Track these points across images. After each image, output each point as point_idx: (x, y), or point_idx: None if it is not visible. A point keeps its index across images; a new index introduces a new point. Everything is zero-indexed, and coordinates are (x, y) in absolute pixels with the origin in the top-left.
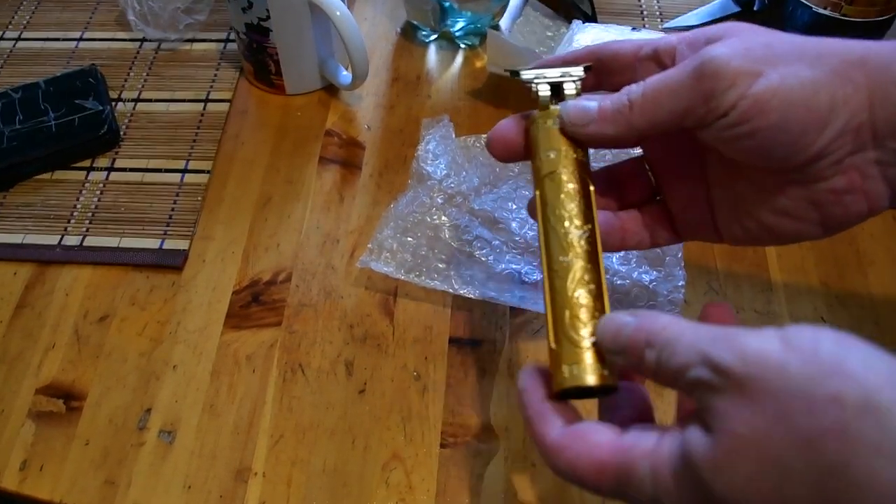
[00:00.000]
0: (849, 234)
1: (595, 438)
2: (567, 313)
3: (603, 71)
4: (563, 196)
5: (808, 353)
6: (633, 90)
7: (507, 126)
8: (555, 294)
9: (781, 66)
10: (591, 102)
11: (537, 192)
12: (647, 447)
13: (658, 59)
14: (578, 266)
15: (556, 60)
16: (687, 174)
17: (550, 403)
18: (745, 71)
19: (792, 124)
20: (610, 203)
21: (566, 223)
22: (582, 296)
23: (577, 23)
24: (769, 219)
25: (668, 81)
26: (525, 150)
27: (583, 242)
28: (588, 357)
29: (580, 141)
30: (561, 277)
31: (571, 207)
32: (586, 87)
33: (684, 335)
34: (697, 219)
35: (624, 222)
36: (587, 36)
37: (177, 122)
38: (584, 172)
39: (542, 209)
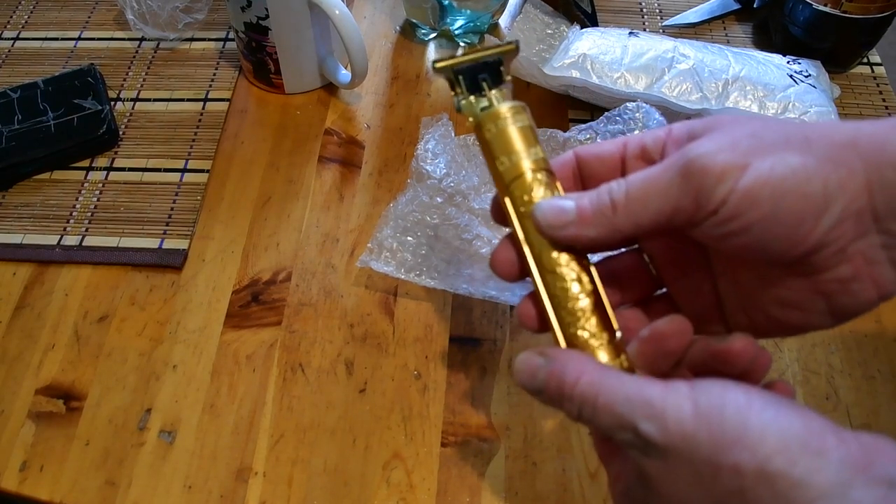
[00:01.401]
0: None
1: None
2: (570, 318)
3: (588, 175)
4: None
5: (715, 421)
6: (615, 189)
7: (502, 249)
8: (554, 301)
9: (769, 156)
10: (568, 201)
11: (506, 200)
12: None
13: (647, 157)
14: (571, 272)
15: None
16: (691, 265)
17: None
18: (732, 165)
19: (786, 214)
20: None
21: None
22: (582, 299)
23: (573, 30)
24: (776, 311)
25: (654, 180)
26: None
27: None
28: (603, 355)
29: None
30: (557, 283)
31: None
32: (567, 189)
33: (601, 395)
34: (705, 311)
35: (627, 322)
36: (584, 43)
37: (176, 122)
38: (547, 168)
39: (518, 219)
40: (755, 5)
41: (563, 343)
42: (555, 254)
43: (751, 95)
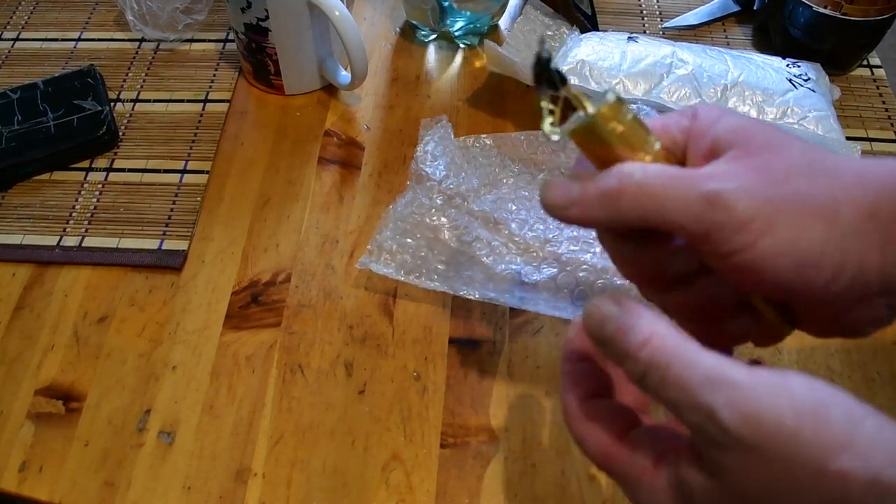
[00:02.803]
0: None
1: (600, 430)
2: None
3: None
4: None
5: (821, 422)
6: (627, 173)
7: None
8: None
9: (796, 219)
10: (574, 182)
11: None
12: (644, 466)
13: (669, 135)
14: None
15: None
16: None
17: (583, 365)
18: (757, 218)
19: (796, 283)
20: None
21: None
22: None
23: (572, 36)
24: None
25: (672, 186)
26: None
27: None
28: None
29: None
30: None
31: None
32: None
33: (673, 366)
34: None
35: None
36: (583, 50)
37: (176, 123)
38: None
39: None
40: (755, 7)
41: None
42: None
43: (749, 100)
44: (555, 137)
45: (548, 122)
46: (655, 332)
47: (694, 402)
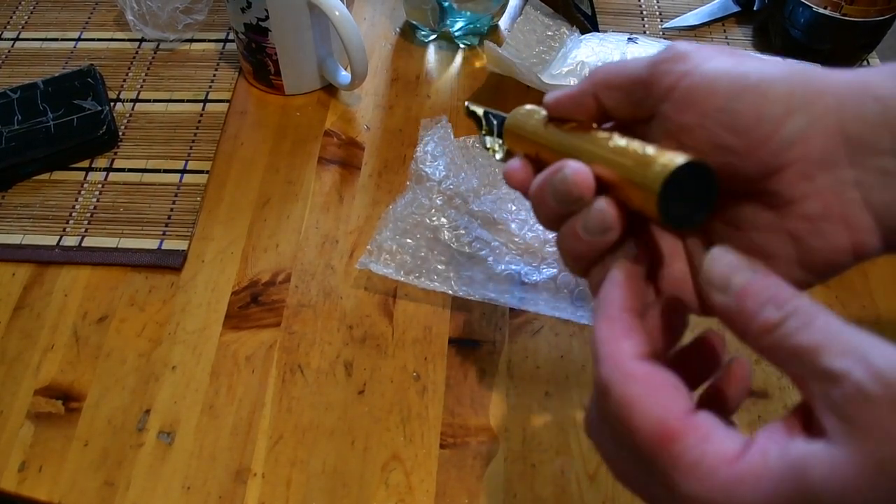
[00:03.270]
0: None
1: (666, 400)
2: (629, 158)
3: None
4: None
5: None
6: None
7: (514, 165)
8: (617, 158)
9: (738, 56)
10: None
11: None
12: (728, 450)
13: None
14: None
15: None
16: None
17: (631, 317)
18: (698, 54)
19: (743, 110)
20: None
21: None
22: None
23: (572, 37)
24: None
25: (633, 60)
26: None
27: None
28: (666, 153)
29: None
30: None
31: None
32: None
33: (823, 316)
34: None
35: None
36: (583, 51)
37: (176, 123)
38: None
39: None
40: (755, 8)
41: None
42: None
43: None
44: (498, 156)
45: (488, 140)
46: (802, 295)
47: (845, 347)
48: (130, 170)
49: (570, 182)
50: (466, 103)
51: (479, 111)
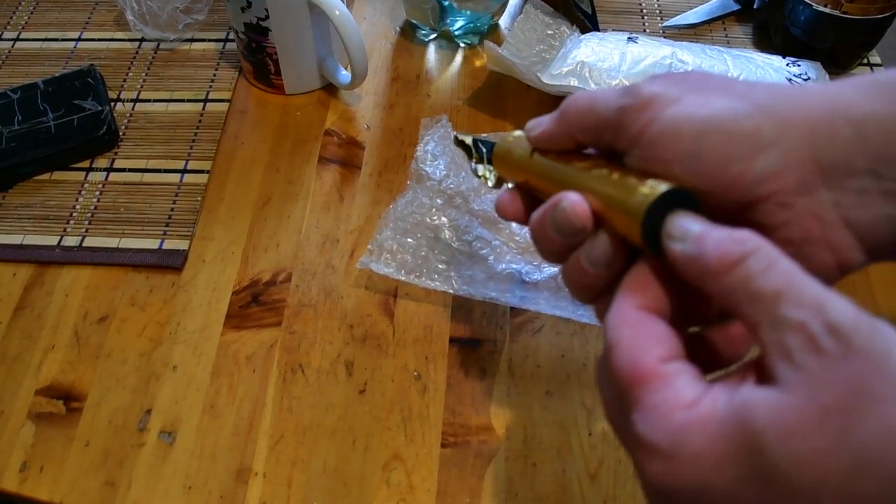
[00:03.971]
0: None
1: (645, 345)
2: (613, 187)
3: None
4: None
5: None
6: (571, 99)
7: (505, 197)
8: (603, 187)
9: (703, 96)
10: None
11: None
12: (685, 398)
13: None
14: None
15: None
16: None
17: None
18: (662, 95)
19: (710, 153)
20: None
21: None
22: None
23: (572, 37)
24: None
25: (601, 94)
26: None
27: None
28: (648, 181)
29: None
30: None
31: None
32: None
33: (784, 261)
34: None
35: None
36: (583, 51)
37: (176, 122)
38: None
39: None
40: (755, 6)
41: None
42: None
43: None
44: (490, 182)
45: (480, 168)
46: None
47: (802, 298)
48: (131, 170)
49: (569, 214)
50: (454, 134)
51: (468, 140)
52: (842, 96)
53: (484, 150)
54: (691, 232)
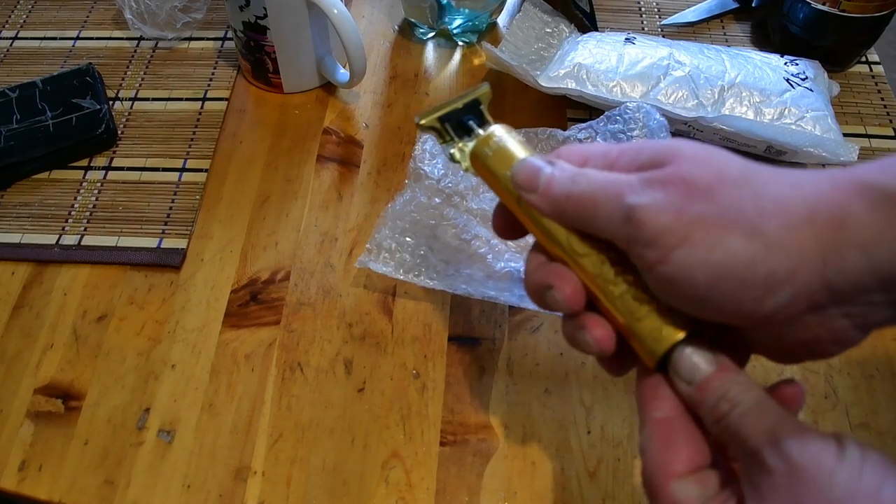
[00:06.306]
0: None
1: (672, 456)
2: (621, 308)
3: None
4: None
5: (855, 470)
6: (581, 178)
7: (499, 213)
8: (597, 280)
9: (712, 233)
10: (546, 168)
11: (520, 207)
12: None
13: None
14: (606, 266)
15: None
16: None
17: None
18: (669, 232)
19: (722, 297)
20: None
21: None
22: (620, 283)
23: (569, 39)
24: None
25: (603, 197)
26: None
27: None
28: (664, 325)
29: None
30: (591, 265)
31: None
32: None
33: (759, 409)
34: None
35: None
36: (581, 53)
37: (174, 121)
38: None
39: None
40: (754, 4)
41: (622, 319)
42: (582, 240)
43: (747, 101)
44: (464, 165)
45: (457, 155)
46: (747, 381)
47: (767, 434)
48: (129, 168)
49: (562, 305)
50: (417, 120)
51: (433, 120)
52: (851, 215)
53: (455, 122)
54: (695, 379)
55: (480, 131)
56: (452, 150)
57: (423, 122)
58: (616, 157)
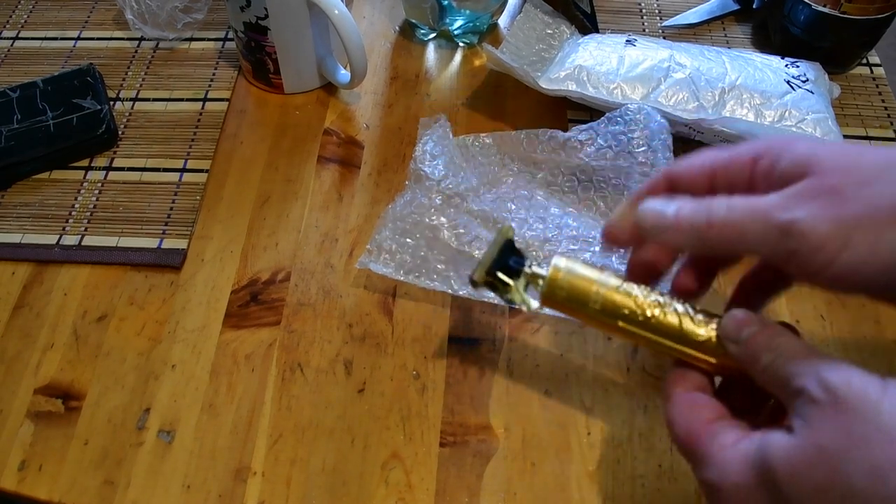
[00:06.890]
0: None
1: (691, 414)
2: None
3: (681, 190)
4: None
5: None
6: (716, 209)
7: (616, 223)
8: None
9: (872, 231)
10: (669, 207)
11: (623, 326)
12: (722, 444)
13: (732, 176)
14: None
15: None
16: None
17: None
18: (832, 238)
19: (892, 283)
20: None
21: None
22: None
23: (569, 41)
24: None
25: (752, 219)
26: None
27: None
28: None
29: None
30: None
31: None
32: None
33: (800, 352)
34: None
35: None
36: (581, 55)
37: (175, 121)
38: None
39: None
40: (755, 6)
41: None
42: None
43: (747, 104)
44: (534, 305)
45: (523, 297)
46: (790, 336)
47: (808, 370)
48: (130, 169)
49: None
50: (470, 277)
51: (487, 273)
52: None
53: (512, 268)
54: (742, 337)
55: (537, 270)
56: (513, 298)
57: (475, 276)
58: (750, 161)
